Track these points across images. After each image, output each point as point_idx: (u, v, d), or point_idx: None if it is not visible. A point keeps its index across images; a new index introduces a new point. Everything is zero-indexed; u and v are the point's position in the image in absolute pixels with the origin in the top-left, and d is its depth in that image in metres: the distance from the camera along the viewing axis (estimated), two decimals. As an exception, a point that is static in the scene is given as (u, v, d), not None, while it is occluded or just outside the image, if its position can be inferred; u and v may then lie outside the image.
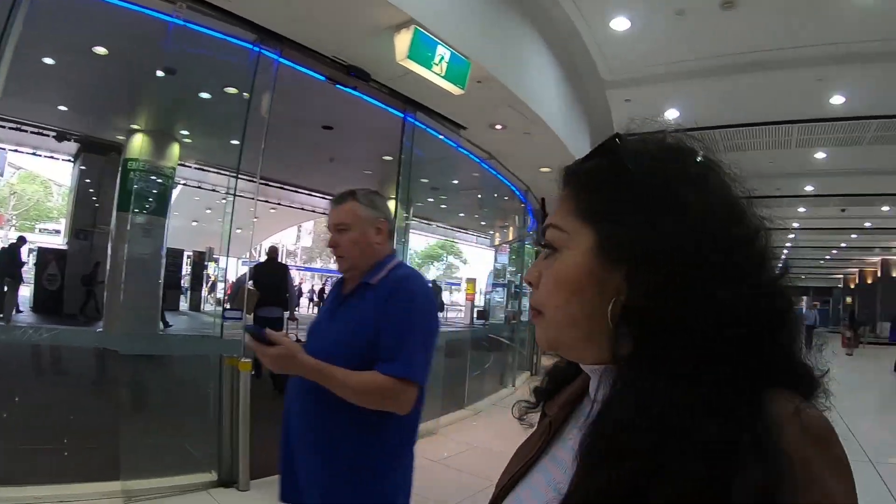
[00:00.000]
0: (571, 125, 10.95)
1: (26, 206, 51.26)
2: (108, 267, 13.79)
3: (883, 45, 9.54)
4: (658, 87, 11.69)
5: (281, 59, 6.87)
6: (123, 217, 13.57)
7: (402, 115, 8.68)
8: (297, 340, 7.39)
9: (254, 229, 38.21)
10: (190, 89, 11.14)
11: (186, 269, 28.36)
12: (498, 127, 9.59)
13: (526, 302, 15.81)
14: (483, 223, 25.01)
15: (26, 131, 15.98)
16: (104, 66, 10.23)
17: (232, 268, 18.07)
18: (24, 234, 17.19)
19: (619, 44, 10.03)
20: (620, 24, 9.33)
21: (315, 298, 40.55)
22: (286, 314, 10.99)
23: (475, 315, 29.87)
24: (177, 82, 10.59)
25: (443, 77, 6.85)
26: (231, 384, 6.02)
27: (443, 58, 6.72)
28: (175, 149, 14.33)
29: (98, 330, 12.77)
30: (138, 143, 13.83)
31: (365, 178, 17.42)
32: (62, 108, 14.29)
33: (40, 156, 20.15)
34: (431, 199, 20.03)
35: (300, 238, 68.76)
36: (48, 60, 10.17)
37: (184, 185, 26.22)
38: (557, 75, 10.03)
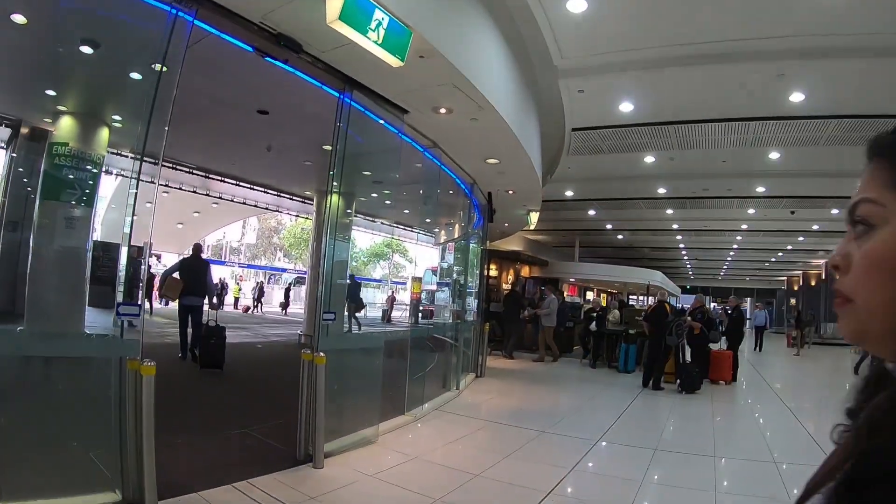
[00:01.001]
0: (521, 114, 10.22)
1: None
2: (29, 261, 12.75)
3: (844, 41, 9.26)
4: (612, 78, 11.22)
5: (197, 22, 6.02)
6: (48, 207, 12.56)
7: (338, 94, 7.89)
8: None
9: (191, 224, 37.01)
10: (117, 66, 10.26)
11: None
12: (442, 111, 8.81)
13: (469, 301, 15.17)
14: (428, 220, 24.34)
15: None
16: (25, 37, 9.37)
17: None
18: None
19: (575, 27, 9.48)
20: (577, 5, 8.76)
21: (258, 297, 38.61)
22: (205, 302, 12.81)
23: (419, 315, 29.43)
24: (103, 58, 9.81)
25: (380, 45, 6.09)
26: (134, 390, 5.20)
27: (380, 23, 5.96)
28: (104, 134, 13.30)
29: (19, 329, 11.77)
30: (64, 127, 12.84)
31: (305, 170, 16.65)
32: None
33: None
34: (375, 195, 19.30)
35: (245, 234, 67.47)
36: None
37: (122, 175, 25.32)
38: (508, 59, 9.33)
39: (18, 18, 8.37)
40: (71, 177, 12.52)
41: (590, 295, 44.12)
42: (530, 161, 11.50)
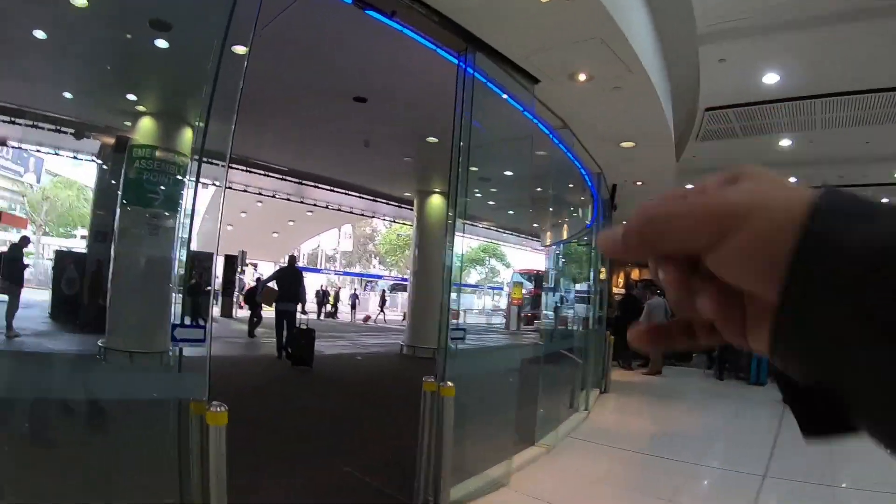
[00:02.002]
0: (661, 87, 8.48)
1: (59, 211, 51.51)
2: (111, 270, 11.76)
3: None
4: (761, 42, 9.29)
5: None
6: (130, 213, 11.65)
7: (457, 60, 6.34)
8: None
9: (287, 233, 36.05)
10: (191, 52, 9.09)
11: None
12: (581, 77, 7.14)
13: (583, 308, 13.47)
14: (536, 220, 22.67)
15: (43, 128, 14.77)
16: (93, 29, 8.63)
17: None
18: (27, 236, 15.83)
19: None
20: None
21: (357, 304, 37.42)
22: (299, 308, 13.77)
23: (521, 321, 27.93)
24: (178, 48, 8.85)
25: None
26: (200, 440, 3.78)
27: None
28: (187, 135, 12.26)
29: (99, 341, 11.15)
30: (144, 129, 11.93)
31: (404, 168, 15.18)
32: (66, 94, 12.62)
33: (61, 155, 19.27)
34: (479, 193, 17.75)
35: (340, 242, 67.21)
36: (39, 34, 8.67)
37: (216, 186, 24.73)
38: (649, 19, 7.65)
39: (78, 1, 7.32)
40: (153, 180, 11.48)
41: None
42: (672, 139, 9.80)
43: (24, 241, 14.95)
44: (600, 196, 12.60)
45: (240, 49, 8.31)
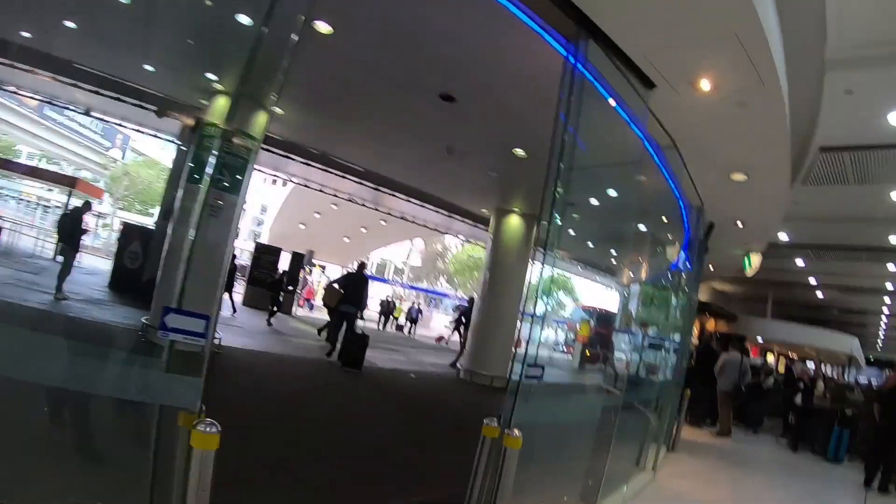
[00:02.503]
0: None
1: (138, 188, 53.20)
2: (165, 246, 11.28)
3: None
4: (889, 75, 7.94)
5: None
6: (190, 191, 11.10)
7: (565, 50, 5.41)
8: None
9: (358, 240, 35.30)
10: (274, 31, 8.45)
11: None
12: (704, 85, 6.05)
13: (660, 356, 12.22)
14: (615, 254, 21.34)
15: (126, 101, 14.61)
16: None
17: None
18: (90, 201, 15.73)
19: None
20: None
21: (416, 319, 36.15)
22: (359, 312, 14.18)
23: (584, 359, 26.80)
24: (258, 18, 8.02)
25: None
26: (185, 458, 2.90)
27: None
28: (261, 118, 11.61)
29: (143, 319, 10.66)
30: (219, 107, 11.38)
31: (486, 182, 14.23)
32: (148, 67, 12.04)
33: (143, 132, 19.27)
34: (558, 219, 16.71)
35: (410, 256, 66.85)
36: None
37: (295, 183, 24.48)
38: (779, 32, 6.50)
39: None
40: (219, 161, 10.81)
41: (770, 357, 39.34)
42: (788, 176, 8.60)
43: (87, 206, 14.42)
44: (692, 234, 11.33)
45: (323, 27, 7.58)
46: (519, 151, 10.92)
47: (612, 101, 6.26)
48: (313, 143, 15.64)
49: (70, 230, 13.19)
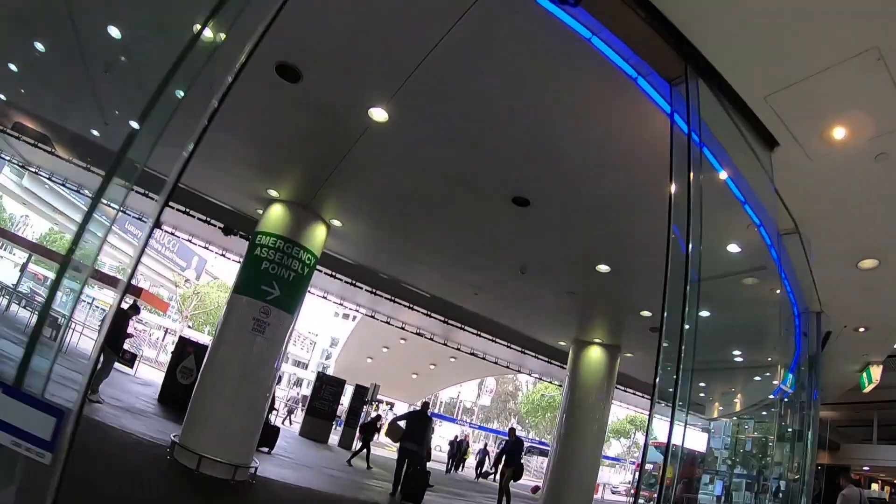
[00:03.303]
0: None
1: (207, 308, 55.70)
2: (205, 360, 10.47)
3: None
4: None
5: None
6: (237, 303, 10.15)
7: (667, 99, 4.32)
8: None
9: (426, 376, 33.73)
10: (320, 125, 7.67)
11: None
12: (838, 132, 4.68)
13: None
14: (703, 386, 19.28)
15: (193, 216, 14.37)
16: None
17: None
18: (138, 305, 15.48)
19: None
20: None
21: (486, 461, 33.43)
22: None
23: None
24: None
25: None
26: None
27: None
28: (320, 232, 10.79)
29: (173, 436, 9.74)
30: (273, 215, 10.64)
31: (564, 308, 13.00)
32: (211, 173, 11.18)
33: (211, 250, 19.66)
34: (629, 352, 15.17)
35: (480, 396, 64.92)
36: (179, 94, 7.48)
37: (362, 314, 23.78)
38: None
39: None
40: (270, 272, 9.89)
41: (874, 487, 35.21)
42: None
43: (134, 309, 13.87)
44: (804, 349, 9.56)
45: (378, 115, 6.69)
46: (603, 267, 9.68)
47: (723, 175, 5.03)
48: (377, 265, 14.59)
49: (114, 331, 12.37)
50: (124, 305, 13.82)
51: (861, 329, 9.58)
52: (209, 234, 16.39)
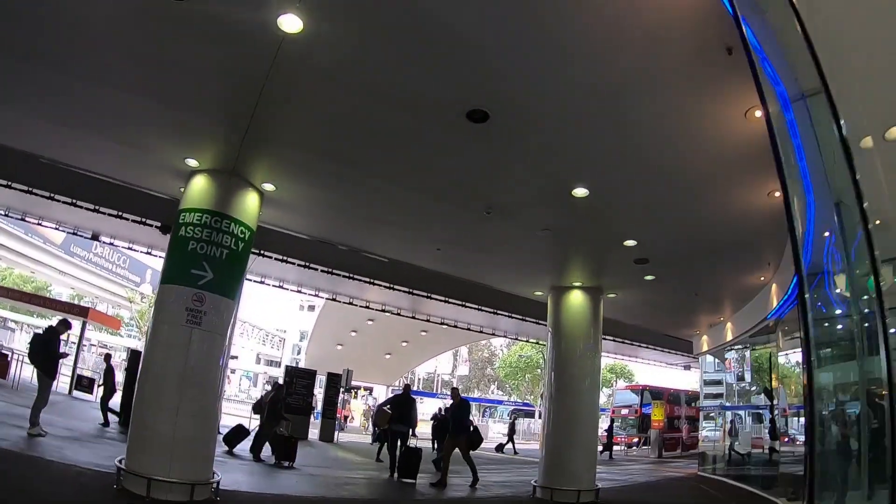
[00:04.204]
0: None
1: None
2: (139, 370, 8.82)
3: None
4: None
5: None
6: (165, 293, 8.59)
7: None
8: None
9: (400, 355, 32.07)
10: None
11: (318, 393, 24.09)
12: None
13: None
14: (687, 320, 18.23)
15: (127, 219, 12.99)
16: None
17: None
18: (68, 319, 12.70)
19: None
20: None
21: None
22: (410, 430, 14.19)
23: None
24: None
25: None
26: None
27: None
28: (252, 200, 9.10)
29: (116, 461, 7.95)
30: (196, 188, 8.95)
31: (538, 251, 11.56)
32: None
33: (154, 255, 17.52)
34: (613, 292, 13.88)
35: (456, 367, 63.76)
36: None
37: (332, 299, 22.85)
38: None
39: None
40: (199, 252, 8.22)
41: None
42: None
43: (63, 325, 11.76)
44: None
45: (290, 23, 5.12)
46: (580, 191, 8.21)
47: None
48: (327, 234, 12.85)
49: (42, 354, 10.68)
50: (52, 323, 12.13)
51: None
52: (149, 237, 14.55)
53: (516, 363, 56.08)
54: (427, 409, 37.39)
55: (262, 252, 15.38)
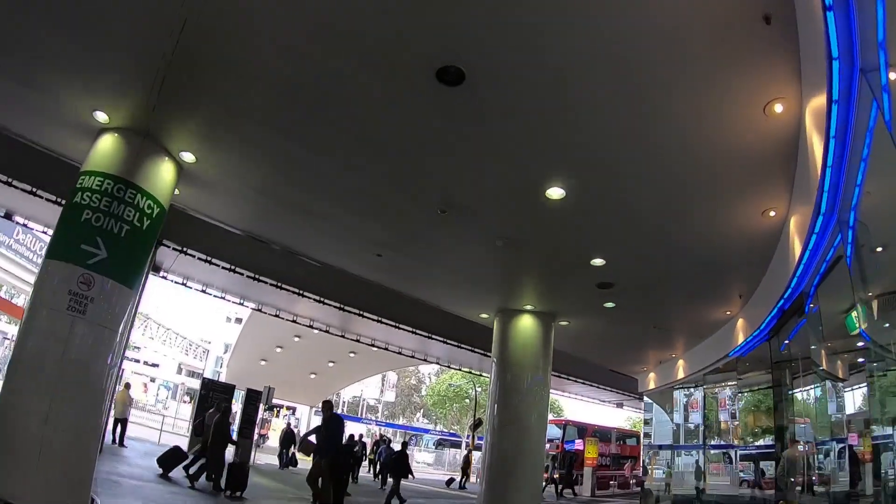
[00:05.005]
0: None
1: None
2: (7, 365, 6.94)
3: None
4: None
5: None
6: (51, 271, 6.77)
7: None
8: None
9: (326, 375, 30.65)
10: None
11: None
12: None
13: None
14: (636, 356, 17.31)
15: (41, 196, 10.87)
16: None
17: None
18: None
19: None
20: None
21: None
22: None
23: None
24: None
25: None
26: None
27: None
28: (166, 171, 7.47)
29: None
30: (102, 149, 7.26)
31: (494, 261, 9.95)
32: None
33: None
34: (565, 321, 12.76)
35: (383, 392, 62.06)
36: None
37: (258, 309, 20.80)
38: None
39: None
40: (94, 223, 6.58)
41: None
42: None
43: None
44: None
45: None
46: (554, 192, 6.90)
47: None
48: (253, 226, 10.74)
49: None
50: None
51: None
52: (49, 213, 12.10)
53: (445, 392, 54.49)
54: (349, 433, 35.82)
55: (184, 249, 13.82)
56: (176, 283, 17.17)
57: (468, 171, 7.10)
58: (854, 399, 10.11)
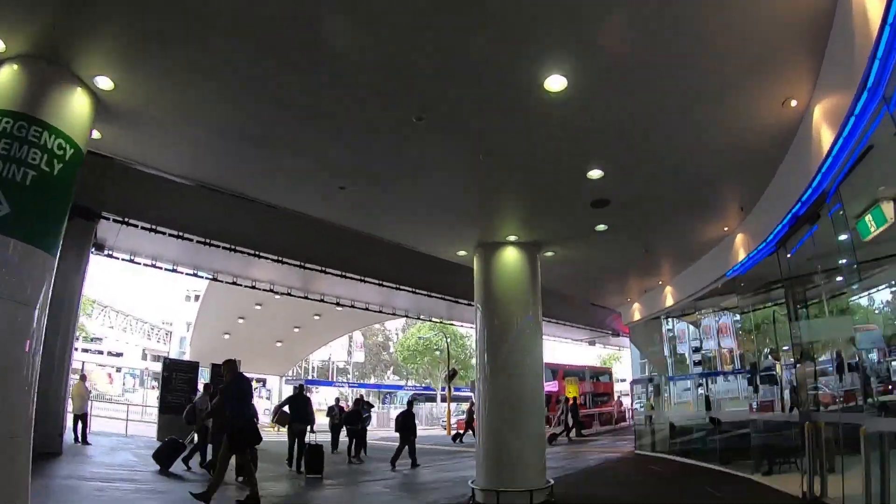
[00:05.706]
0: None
1: None
2: None
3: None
4: None
5: None
6: None
7: None
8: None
9: (292, 341, 29.30)
10: None
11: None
12: None
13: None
14: (620, 286, 16.57)
15: None
16: None
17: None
18: None
19: None
20: None
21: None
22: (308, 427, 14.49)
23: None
24: None
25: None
26: None
27: None
28: (79, 102, 5.95)
29: None
30: (3, 77, 5.71)
31: (475, 181, 8.60)
32: None
33: None
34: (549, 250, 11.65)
35: (352, 354, 61.32)
36: None
37: (213, 279, 20.01)
38: None
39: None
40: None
41: None
42: None
43: None
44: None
45: None
46: (554, 84, 5.71)
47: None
48: (198, 168, 8.64)
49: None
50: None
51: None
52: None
53: (414, 346, 53.76)
54: (322, 398, 35.36)
55: (125, 220, 12.39)
56: (123, 259, 15.84)
57: (454, 58, 5.59)
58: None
